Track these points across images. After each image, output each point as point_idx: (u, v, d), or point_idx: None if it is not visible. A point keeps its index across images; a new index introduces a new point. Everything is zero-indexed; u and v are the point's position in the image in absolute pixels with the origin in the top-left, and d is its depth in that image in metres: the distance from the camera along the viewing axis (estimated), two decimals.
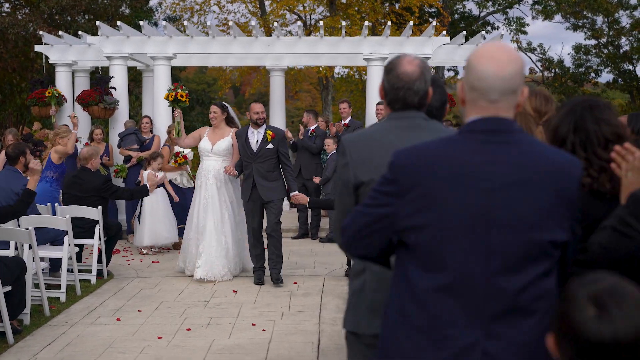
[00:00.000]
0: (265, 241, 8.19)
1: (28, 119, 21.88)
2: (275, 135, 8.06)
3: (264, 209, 8.13)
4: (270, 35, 12.46)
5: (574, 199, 2.19)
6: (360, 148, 2.77)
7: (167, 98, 9.19)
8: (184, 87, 9.01)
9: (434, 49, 11.85)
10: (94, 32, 15.77)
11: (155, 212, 9.99)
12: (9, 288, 5.99)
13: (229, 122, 8.54)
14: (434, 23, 11.86)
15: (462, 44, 12.90)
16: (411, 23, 11.84)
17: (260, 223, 8.16)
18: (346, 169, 2.78)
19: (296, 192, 7.72)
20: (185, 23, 11.98)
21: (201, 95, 32.15)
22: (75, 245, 7.83)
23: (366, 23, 11.71)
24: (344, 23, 12.15)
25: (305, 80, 29.99)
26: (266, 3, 26.94)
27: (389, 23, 11.88)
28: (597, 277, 1.68)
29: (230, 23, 12.71)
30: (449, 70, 28.40)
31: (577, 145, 2.80)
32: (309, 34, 24.06)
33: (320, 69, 24.66)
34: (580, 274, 1.77)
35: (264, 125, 8.13)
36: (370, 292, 2.78)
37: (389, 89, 2.79)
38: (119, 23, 11.85)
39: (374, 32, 22.97)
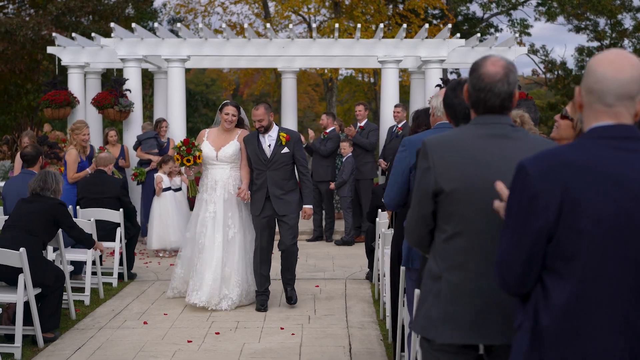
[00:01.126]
0: (274, 262, 7.39)
1: (35, 121, 21.87)
2: (290, 138, 7.07)
3: (277, 225, 7.20)
4: (277, 37, 12.54)
5: None
6: (444, 154, 2.71)
7: (182, 162, 7.42)
8: (196, 143, 7.40)
9: (449, 51, 11.85)
10: (100, 33, 15.77)
11: (163, 216, 9.99)
12: (39, 290, 5.98)
13: (239, 123, 7.48)
14: (449, 25, 11.85)
15: (475, 46, 12.90)
16: (427, 25, 11.84)
17: (271, 240, 7.20)
18: (427, 174, 2.73)
19: (308, 207, 7.12)
20: (200, 25, 11.93)
21: (205, 96, 32.11)
22: None
23: (381, 25, 11.70)
24: (359, 25, 12.16)
25: (302, 81, 29.91)
26: (270, 5, 26.95)
27: (404, 25, 11.87)
28: None
29: (245, 25, 12.70)
30: (451, 73, 28.41)
31: None
32: (312, 36, 24.05)
33: (325, 71, 24.69)
34: None
35: (275, 128, 7.16)
36: (446, 301, 2.75)
37: (471, 90, 2.74)
38: (133, 25, 11.83)
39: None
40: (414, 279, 4.28)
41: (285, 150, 7.02)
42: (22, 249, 5.62)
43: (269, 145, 7.05)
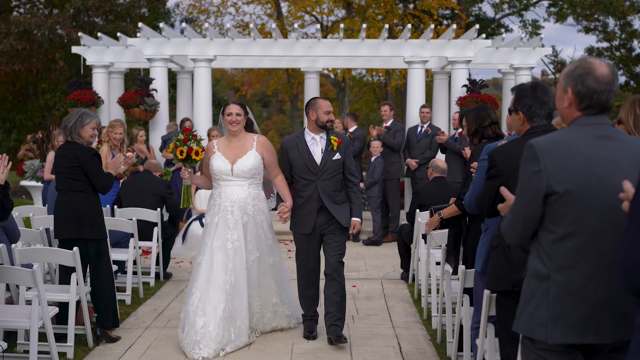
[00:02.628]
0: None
1: (50, 121, 21.88)
2: (342, 142, 6.01)
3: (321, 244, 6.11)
4: (287, 37, 12.63)
5: None
6: (556, 156, 2.75)
7: (175, 153, 6.47)
8: (197, 134, 6.54)
9: (475, 52, 11.85)
10: (115, 32, 15.80)
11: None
12: (88, 289, 5.99)
13: (248, 126, 6.21)
14: (477, 26, 11.85)
15: (500, 46, 12.90)
16: (454, 26, 11.86)
17: (318, 262, 6.14)
18: (539, 177, 2.75)
19: (357, 220, 6.09)
20: (228, 25, 11.95)
21: (216, 95, 32.12)
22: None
23: (408, 26, 11.73)
24: (386, 26, 12.15)
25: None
26: (282, 5, 26.99)
27: (432, 26, 11.88)
28: None
29: (273, 25, 12.71)
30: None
31: None
32: (325, 36, 24.07)
33: (338, 72, 24.71)
34: None
35: (325, 130, 6.08)
36: (554, 301, 2.76)
37: (587, 93, 2.78)
38: (161, 25, 11.86)
39: (391, 34, 22.95)
40: (485, 281, 4.28)
41: (337, 156, 5.97)
42: (75, 249, 5.63)
43: (321, 150, 5.98)
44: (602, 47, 30.99)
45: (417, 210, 7.90)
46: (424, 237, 7.18)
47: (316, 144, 6.00)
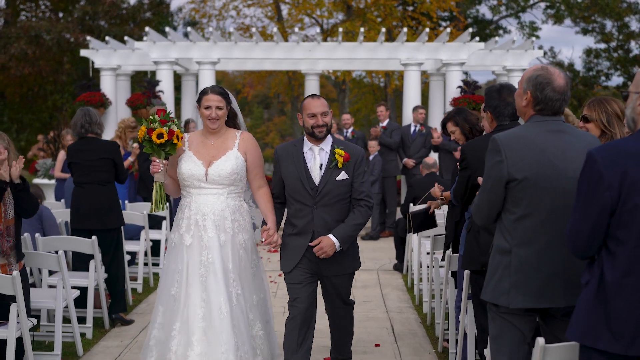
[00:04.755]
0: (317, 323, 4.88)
1: (55, 122, 22.42)
2: (351, 157, 4.54)
3: (322, 284, 4.78)
4: (287, 40, 13.20)
5: None
6: (515, 148, 3.25)
7: (150, 137, 4.51)
8: (175, 120, 4.65)
9: (469, 54, 12.34)
10: (120, 36, 16.32)
11: None
12: (105, 275, 6.50)
13: (230, 119, 4.78)
14: (470, 30, 12.35)
15: (493, 49, 13.39)
16: (448, 30, 12.33)
17: (313, 305, 4.68)
18: (500, 166, 3.25)
19: (333, 241, 4.47)
20: (230, 29, 12.46)
21: None
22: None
23: (404, 29, 12.21)
24: (383, 30, 12.65)
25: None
26: (283, 8, 27.48)
27: (427, 29, 12.39)
28: None
29: (274, 29, 13.20)
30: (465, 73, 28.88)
31: None
32: (326, 39, 24.58)
33: (339, 74, 25.19)
34: None
35: (330, 140, 4.61)
36: (515, 272, 3.27)
37: (543, 100, 3.31)
38: (167, 29, 12.36)
39: (391, 36, 23.44)
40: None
41: (343, 175, 4.54)
42: (94, 237, 6.12)
43: (320, 166, 4.56)
44: (599, 48, 31.43)
45: (411, 204, 8.40)
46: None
47: (314, 157, 4.58)
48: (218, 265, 4.47)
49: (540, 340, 3.12)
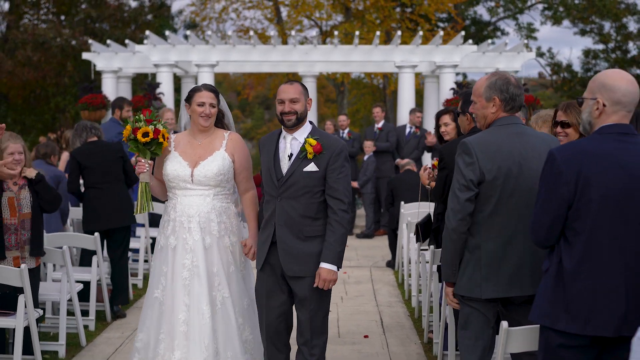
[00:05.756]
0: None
1: (57, 124, 22.77)
2: (323, 148, 4.21)
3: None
4: (287, 43, 13.51)
5: None
6: (485, 150, 3.57)
7: (135, 137, 4.52)
8: (162, 120, 4.67)
9: (462, 57, 12.64)
10: (121, 39, 16.63)
11: None
12: (107, 270, 6.81)
13: (219, 120, 4.72)
14: (462, 33, 12.64)
15: (486, 51, 13.69)
16: (441, 33, 12.64)
17: (286, 316, 4.34)
18: (472, 168, 3.56)
19: (326, 267, 4.13)
20: (230, 33, 12.78)
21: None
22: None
23: (399, 33, 12.52)
24: (377, 33, 12.94)
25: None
26: (282, 10, 27.76)
27: (420, 33, 12.68)
28: None
29: (272, 33, 13.51)
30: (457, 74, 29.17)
31: None
32: (324, 40, 24.88)
33: (337, 75, 25.48)
34: None
35: (307, 127, 4.32)
36: (485, 265, 3.59)
37: (511, 97, 3.66)
38: (167, 32, 12.67)
39: (389, 37, 23.72)
40: None
41: (312, 167, 4.22)
42: (96, 234, 6.42)
43: (290, 155, 4.29)
44: (598, 49, 31.67)
45: (402, 202, 8.71)
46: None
47: (285, 146, 4.32)
48: (202, 269, 4.43)
49: (504, 324, 3.44)
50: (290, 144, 4.28)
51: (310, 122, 4.35)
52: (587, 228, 3.01)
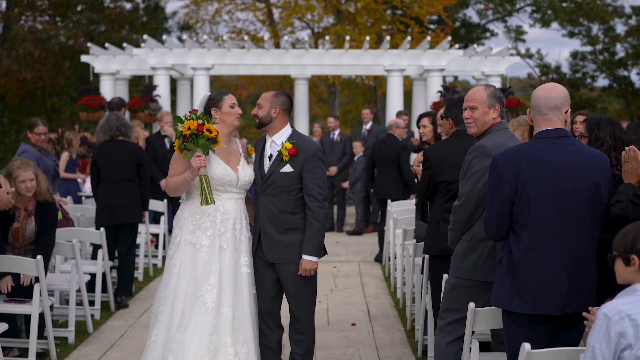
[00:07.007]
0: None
1: (56, 123, 23.13)
2: (298, 151, 4.63)
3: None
4: (279, 44, 14.04)
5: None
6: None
7: (180, 130, 4.53)
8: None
9: (448, 61, 13.13)
10: (118, 41, 17.06)
11: None
12: (111, 263, 7.25)
13: None
14: (449, 38, 13.15)
15: (472, 55, 14.19)
16: (428, 38, 13.14)
17: (277, 301, 4.81)
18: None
19: (307, 259, 4.63)
20: (225, 37, 13.23)
21: None
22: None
23: (387, 38, 12.99)
24: (367, 38, 13.43)
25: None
26: (274, 12, 28.19)
27: (409, 37, 13.17)
28: None
29: (266, 37, 13.97)
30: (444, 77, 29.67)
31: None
32: (316, 42, 25.34)
33: (329, 76, 25.92)
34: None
35: (286, 131, 4.74)
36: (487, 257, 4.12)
37: (504, 106, 4.24)
38: (164, 36, 13.12)
39: (380, 39, 24.18)
40: None
41: (288, 168, 4.65)
42: (102, 229, 6.87)
43: (269, 157, 4.74)
44: (586, 50, 32.18)
45: (389, 200, 9.19)
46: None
47: (268, 148, 4.77)
48: (230, 271, 4.62)
49: (471, 305, 3.91)
50: (271, 146, 4.75)
51: (292, 127, 4.80)
52: (530, 221, 3.48)
